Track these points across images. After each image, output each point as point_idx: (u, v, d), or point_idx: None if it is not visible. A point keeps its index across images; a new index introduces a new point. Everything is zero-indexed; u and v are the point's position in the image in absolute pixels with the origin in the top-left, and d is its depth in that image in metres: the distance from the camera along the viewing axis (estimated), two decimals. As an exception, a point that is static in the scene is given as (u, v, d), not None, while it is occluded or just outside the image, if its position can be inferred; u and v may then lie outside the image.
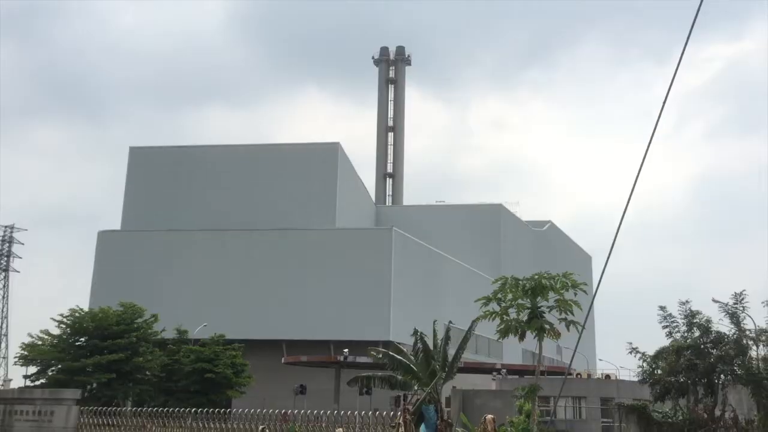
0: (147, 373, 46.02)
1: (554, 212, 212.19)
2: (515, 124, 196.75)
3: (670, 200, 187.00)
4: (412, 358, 22.37)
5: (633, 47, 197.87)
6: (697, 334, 28.32)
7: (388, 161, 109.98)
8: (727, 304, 27.82)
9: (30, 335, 45.05)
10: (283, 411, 35.46)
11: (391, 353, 22.82)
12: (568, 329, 19.73)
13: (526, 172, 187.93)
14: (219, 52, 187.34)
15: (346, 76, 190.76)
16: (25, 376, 45.87)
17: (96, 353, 43.21)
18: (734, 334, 27.58)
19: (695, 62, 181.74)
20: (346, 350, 49.62)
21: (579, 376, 49.61)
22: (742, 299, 27.63)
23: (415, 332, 22.29)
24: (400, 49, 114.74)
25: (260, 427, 15.66)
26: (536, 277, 19.58)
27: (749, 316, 27.98)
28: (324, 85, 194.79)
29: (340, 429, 17.64)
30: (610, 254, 10.66)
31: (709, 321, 28.25)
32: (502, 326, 20.20)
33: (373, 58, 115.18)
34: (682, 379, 28.01)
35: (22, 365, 44.84)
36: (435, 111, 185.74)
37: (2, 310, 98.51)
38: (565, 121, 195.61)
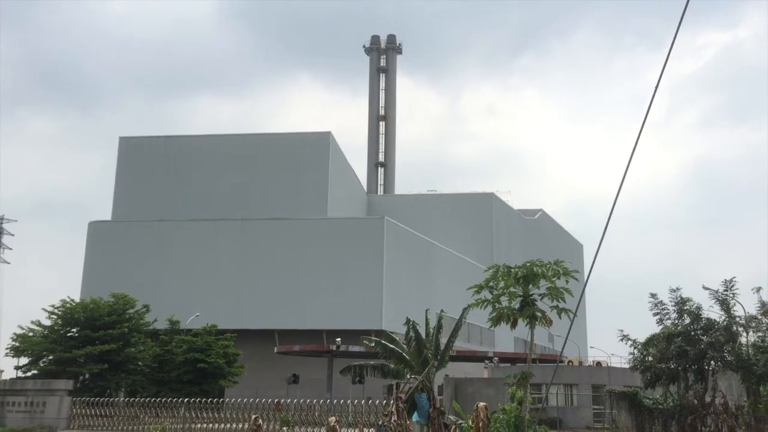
0: (139, 363, 45.99)
1: (547, 200, 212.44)
2: (508, 112, 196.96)
3: (663, 187, 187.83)
4: (405, 346, 22.38)
5: (627, 34, 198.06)
6: (687, 321, 28.46)
7: (380, 150, 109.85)
8: (717, 291, 27.97)
9: (21, 327, 44.98)
10: (276, 400, 35.57)
11: (383, 342, 22.81)
12: (560, 317, 19.79)
13: (519, 160, 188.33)
14: (210, 41, 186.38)
15: (338, 64, 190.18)
16: (17, 367, 45.81)
17: (88, 344, 43.15)
18: (724, 320, 27.74)
19: (689, 49, 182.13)
20: (338, 339, 49.68)
21: (570, 363, 49.85)
22: (732, 286, 27.78)
23: (407, 321, 22.30)
24: (391, 38, 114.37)
25: (253, 417, 15.66)
26: (528, 265, 19.59)
27: (739, 303, 28.16)
28: (316, 73, 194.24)
29: (333, 417, 17.68)
30: (601, 242, 10.69)
31: (699, 308, 28.38)
32: (494, 314, 20.23)
33: (364, 46, 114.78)
34: (672, 366, 28.16)
35: (13, 356, 44.76)
36: (427, 99, 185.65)
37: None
38: (559, 109, 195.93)
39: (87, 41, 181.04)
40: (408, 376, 22.04)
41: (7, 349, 44.79)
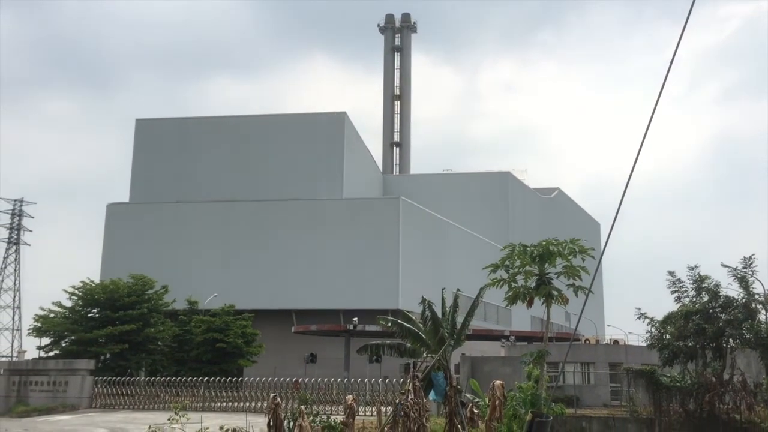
0: (159, 343, 46.55)
1: (564, 178, 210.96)
2: (526, 88, 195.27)
3: (682, 164, 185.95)
4: (421, 326, 22.46)
5: (648, 7, 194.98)
6: (705, 298, 28.30)
7: (395, 130, 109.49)
8: (736, 269, 27.74)
9: (42, 308, 45.59)
10: (294, 379, 35.89)
11: (400, 321, 22.91)
12: (576, 295, 19.74)
13: (537, 138, 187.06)
14: (225, 21, 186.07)
15: (353, 43, 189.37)
16: (39, 348, 46.50)
17: (108, 324, 43.70)
18: (743, 298, 27.54)
19: (711, 21, 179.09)
20: (355, 319, 49.93)
21: (587, 341, 49.80)
22: (752, 263, 27.54)
23: (423, 300, 22.36)
24: (406, 16, 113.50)
25: (272, 395, 15.82)
26: (544, 243, 19.52)
27: (758, 281, 27.90)
28: (331, 52, 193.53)
29: (350, 396, 17.81)
30: (615, 219, 10.60)
31: (717, 285, 28.20)
32: (510, 293, 20.22)
33: (378, 25, 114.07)
34: (690, 344, 28.05)
35: (35, 337, 45.43)
36: (444, 77, 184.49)
37: (14, 283, 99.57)
38: (578, 84, 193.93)
39: (103, 23, 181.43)
40: (424, 355, 22.13)
41: (29, 329, 45.53)
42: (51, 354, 44.97)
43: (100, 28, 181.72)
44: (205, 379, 36.87)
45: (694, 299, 28.55)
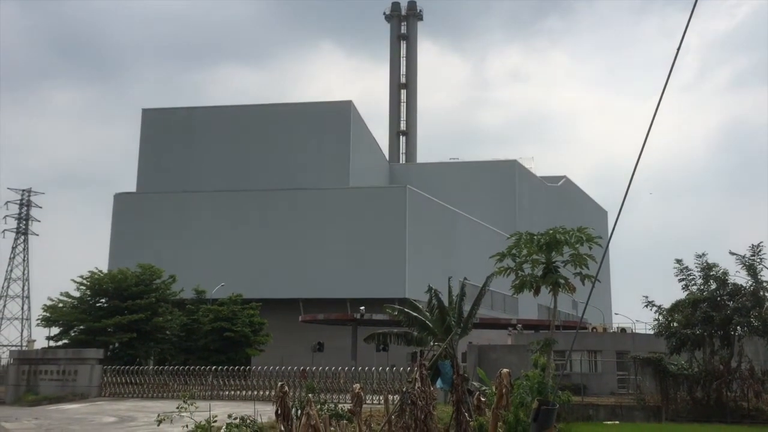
0: (167, 332, 46.76)
1: (572, 166, 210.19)
2: (533, 76, 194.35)
3: (691, 151, 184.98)
4: (428, 314, 22.48)
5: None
6: (713, 286, 28.27)
7: (401, 119, 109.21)
8: (744, 257, 27.69)
9: (50, 298, 45.84)
10: (301, 368, 36.02)
11: (406, 310, 22.93)
12: (583, 283, 19.75)
13: (545, 126, 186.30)
14: (231, 10, 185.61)
15: (359, 31, 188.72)
16: (48, 337, 46.81)
17: (116, 314, 43.92)
18: (751, 285, 27.50)
19: (722, 7, 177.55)
20: (362, 308, 50.01)
21: (594, 330, 49.77)
22: (760, 251, 27.50)
23: (430, 289, 22.35)
24: (412, 4, 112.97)
25: (279, 384, 15.88)
26: (551, 232, 19.52)
27: (766, 268, 27.85)
28: (338, 41, 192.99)
29: (358, 384, 17.88)
30: (622, 207, 10.56)
31: (725, 273, 28.17)
32: (517, 282, 20.26)
33: (384, 13, 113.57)
34: (698, 332, 28.05)
35: (44, 326, 45.70)
36: (451, 65, 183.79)
37: (23, 273, 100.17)
38: (585, 71, 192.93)
39: (110, 13, 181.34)
40: (431, 344, 22.16)
41: (38, 319, 45.81)
42: (60, 343, 45.25)
43: (107, 18, 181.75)
44: (213, 368, 37.06)
45: (702, 287, 28.54)
